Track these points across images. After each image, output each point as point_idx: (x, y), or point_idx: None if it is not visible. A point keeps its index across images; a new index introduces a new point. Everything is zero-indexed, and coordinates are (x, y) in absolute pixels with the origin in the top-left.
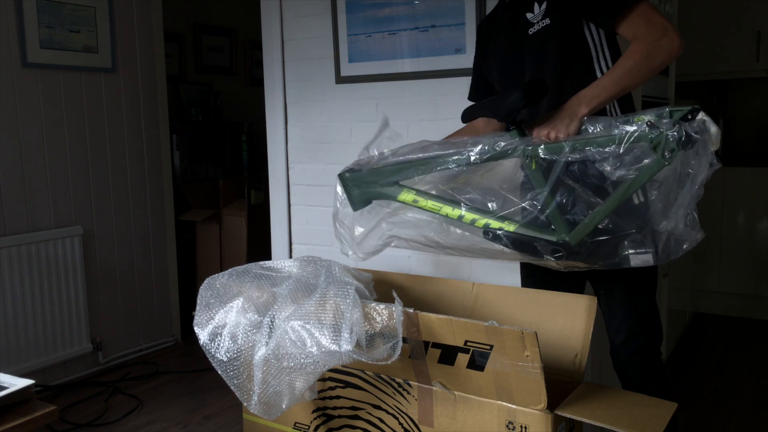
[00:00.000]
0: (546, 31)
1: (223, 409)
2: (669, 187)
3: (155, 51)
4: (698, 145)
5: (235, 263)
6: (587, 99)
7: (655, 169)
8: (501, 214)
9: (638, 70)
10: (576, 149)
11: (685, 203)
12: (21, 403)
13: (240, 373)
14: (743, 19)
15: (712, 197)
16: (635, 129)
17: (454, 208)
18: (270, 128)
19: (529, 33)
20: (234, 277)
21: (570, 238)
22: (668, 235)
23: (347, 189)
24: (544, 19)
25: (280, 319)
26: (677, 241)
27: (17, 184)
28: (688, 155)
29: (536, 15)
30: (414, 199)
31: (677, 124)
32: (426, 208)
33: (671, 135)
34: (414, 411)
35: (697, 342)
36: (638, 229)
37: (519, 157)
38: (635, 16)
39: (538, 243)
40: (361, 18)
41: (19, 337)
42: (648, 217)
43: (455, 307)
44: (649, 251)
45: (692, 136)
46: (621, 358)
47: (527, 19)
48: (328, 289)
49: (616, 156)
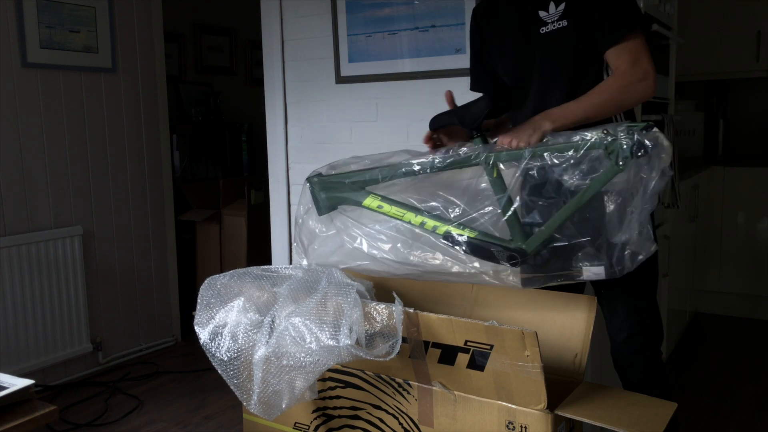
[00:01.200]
0: (562, 33)
1: (223, 409)
2: (624, 199)
3: (155, 51)
4: (652, 154)
5: (235, 263)
6: (553, 117)
7: (610, 176)
8: (461, 221)
9: (608, 105)
10: (536, 155)
11: (638, 212)
12: (21, 403)
13: (240, 373)
14: (743, 19)
15: (712, 197)
16: (591, 136)
17: (416, 215)
18: (270, 128)
19: (541, 32)
20: (235, 278)
21: (526, 245)
22: (622, 246)
23: (314, 193)
24: (561, 21)
25: (280, 318)
26: (632, 253)
27: (17, 184)
28: (641, 165)
29: (551, 15)
30: (378, 205)
31: (631, 132)
32: (389, 214)
33: (625, 142)
34: (414, 411)
35: (697, 342)
36: (593, 240)
37: (480, 164)
38: (626, 50)
39: (494, 248)
40: (361, 18)
41: (19, 337)
42: (603, 229)
43: (455, 307)
44: (601, 264)
45: (645, 143)
46: (622, 357)
47: (540, 17)
48: (329, 289)
49: (574, 163)
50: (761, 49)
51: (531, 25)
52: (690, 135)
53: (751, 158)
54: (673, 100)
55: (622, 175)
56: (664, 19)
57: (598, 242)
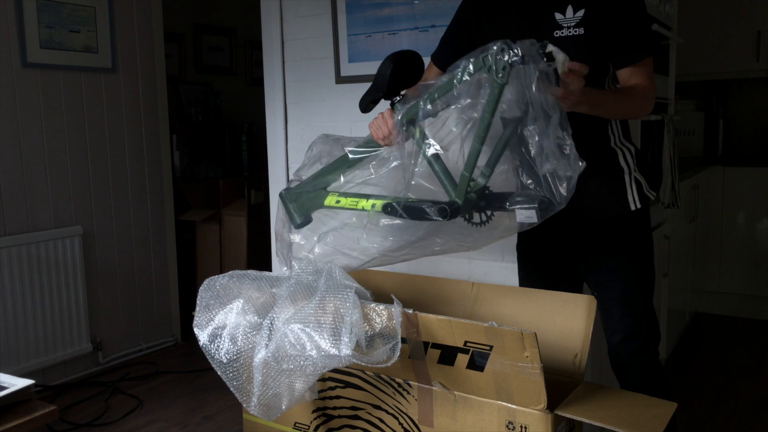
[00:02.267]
0: (577, 41)
1: (223, 409)
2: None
3: (155, 51)
4: (525, 55)
5: (235, 263)
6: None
7: (496, 92)
8: (402, 193)
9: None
10: (429, 101)
11: (553, 129)
12: (21, 403)
13: (239, 375)
14: (743, 19)
15: (712, 197)
16: (468, 59)
17: (368, 200)
18: (270, 128)
19: (555, 35)
20: (234, 279)
21: (456, 195)
22: (553, 176)
23: (287, 206)
24: (578, 28)
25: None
26: (561, 178)
27: (17, 184)
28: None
29: (568, 20)
30: (336, 200)
31: (500, 42)
32: (347, 207)
33: (493, 50)
34: (414, 411)
35: (697, 342)
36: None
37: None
38: (642, 70)
39: (425, 205)
40: (361, 18)
41: (19, 337)
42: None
43: (455, 308)
44: (533, 206)
45: (510, 45)
46: (619, 358)
47: (555, 20)
48: (327, 292)
49: (462, 92)
50: (761, 49)
51: (545, 24)
52: (690, 135)
53: (751, 158)
54: (673, 100)
55: (511, 90)
56: (664, 19)
57: (528, 181)
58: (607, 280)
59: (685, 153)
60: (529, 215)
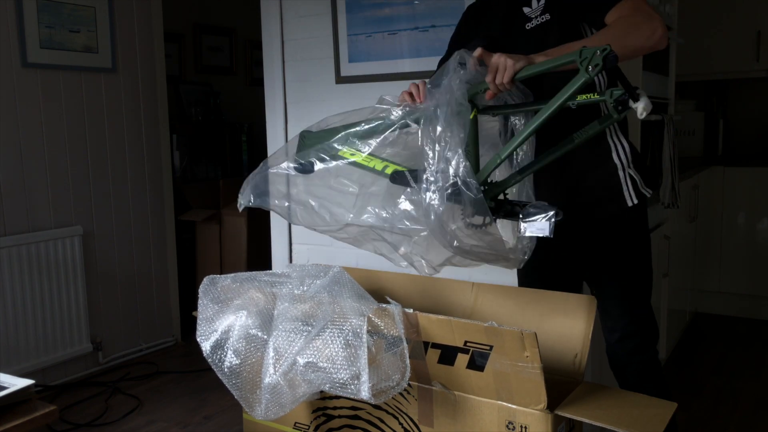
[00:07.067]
0: (545, 27)
1: (223, 409)
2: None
3: (155, 51)
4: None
5: (235, 263)
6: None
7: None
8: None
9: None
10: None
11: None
12: (21, 403)
13: (243, 386)
14: (743, 20)
15: (712, 197)
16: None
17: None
18: (270, 128)
19: (527, 28)
20: (236, 284)
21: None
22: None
23: (303, 142)
24: (544, 15)
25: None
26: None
27: (17, 184)
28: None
29: (534, 10)
30: (352, 152)
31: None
32: (359, 161)
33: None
34: (414, 411)
35: (697, 342)
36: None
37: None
38: (623, 5)
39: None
40: (361, 18)
41: (19, 337)
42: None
43: (455, 308)
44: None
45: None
46: (617, 357)
47: (524, 14)
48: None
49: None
50: (761, 49)
51: (516, 21)
52: (690, 135)
53: (751, 158)
54: (673, 100)
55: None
56: (664, 19)
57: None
58: (604, 278)
59: (685, 153)
60: (542, 227)
